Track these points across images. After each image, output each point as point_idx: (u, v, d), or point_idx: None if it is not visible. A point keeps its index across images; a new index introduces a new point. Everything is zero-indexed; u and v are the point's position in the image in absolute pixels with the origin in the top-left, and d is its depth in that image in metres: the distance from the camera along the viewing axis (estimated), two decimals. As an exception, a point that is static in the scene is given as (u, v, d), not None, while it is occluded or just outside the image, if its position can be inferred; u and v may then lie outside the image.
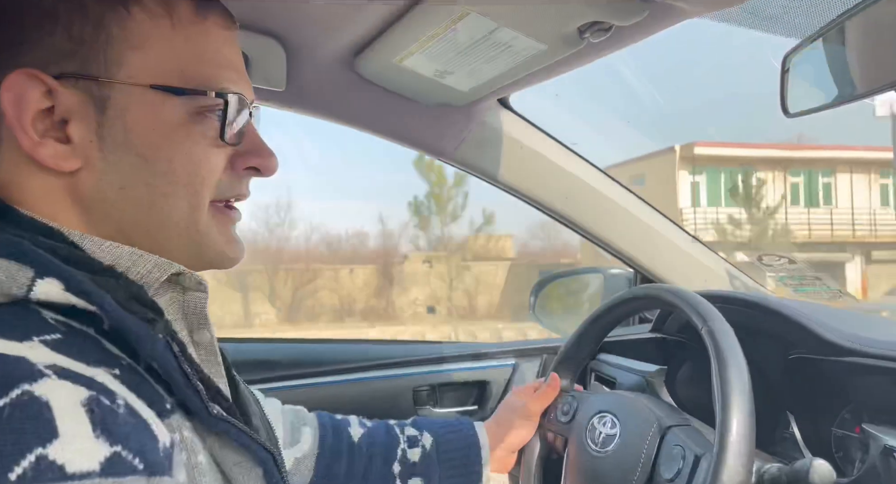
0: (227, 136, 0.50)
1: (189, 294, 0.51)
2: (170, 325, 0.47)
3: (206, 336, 0.52)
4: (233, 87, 0.51)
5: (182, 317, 0.51)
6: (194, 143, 0.49)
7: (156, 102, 0.48)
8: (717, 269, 1.18)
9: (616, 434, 0.78)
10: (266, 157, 0.55)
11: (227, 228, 0.54)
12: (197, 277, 0.51)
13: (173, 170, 0.49)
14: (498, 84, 0.91)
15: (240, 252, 0.55)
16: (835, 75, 0.62)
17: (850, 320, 0.76)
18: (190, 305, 0.51)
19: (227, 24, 0.52)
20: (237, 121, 0.51)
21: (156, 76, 0.48)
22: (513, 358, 1.24)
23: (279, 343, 1.22)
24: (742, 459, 0.57)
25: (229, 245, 0.54)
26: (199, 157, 0.50)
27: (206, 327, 0.52)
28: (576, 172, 1.11)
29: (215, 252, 0.53)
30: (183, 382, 0.43)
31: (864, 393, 0.69)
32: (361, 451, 0.83)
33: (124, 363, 0.41)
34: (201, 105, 0.49)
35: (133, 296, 0.44)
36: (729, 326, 0.67)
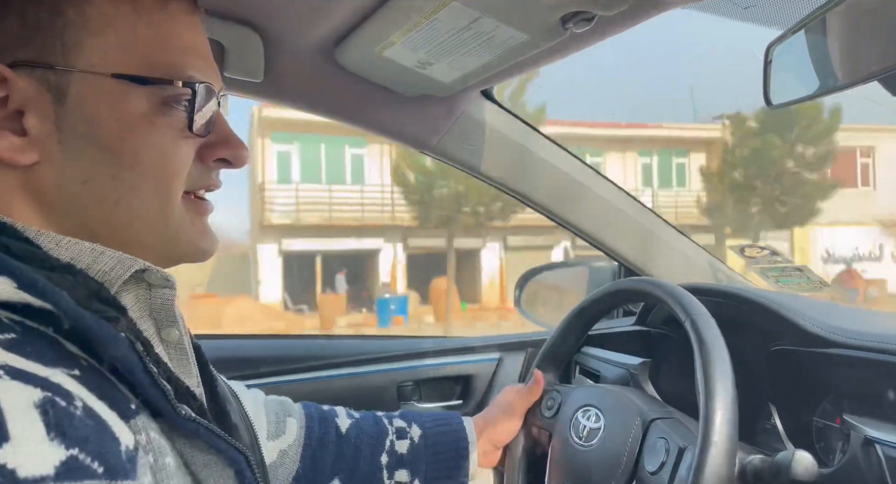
0: (195, 126, 0.49)
1: (155, 291, 0.49)
2: (134, 323, 0.46)
3: (174, 334, 0.50)
4: (200, 75, 0.50)
5: (148, 314, 0.49)
6: (161, 135, 0.48)
7: (119, 92, 0.46)
8: (700, 261, 1.18)
9: (600, 427, 0.78)
10: (236, 148, 0.53)
11: (200, 220, 0.53)
12: (163, 274, 0.49)
13: (140, 162, 0.47)
14: (480, 75, 0.90)
15: (213, 244, 0.54)
16: (817, 66, 0.62)
17: (831, 312, 0.76)
18: (156, 302, 0.49)
19: (190, 8, 0.51)
20: (205, 111, 0.50)
21: (118, 64, 0.46)
22: (497, 352, 1.24)
23: (260, 339, 1.20)
24: (725, 451, 0.57)
25: (202, 238, 0.53)
26: (167, 149, 0.48)
27: (174, 325, 0.50)
28: (559, 165, 1.11)
29: (188, 245, 0.51)
30: (148, 382, 0.42)
31: (844, 384, 0.69)
32: (349, 441, 0.82)
33: (84, 364, 0.40)
34: (168, 95, 0.48)
35: (93, 294, 0.43)
36: (712, 317, 0.67)
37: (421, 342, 1.23)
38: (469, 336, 1.29)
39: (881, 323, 0.78)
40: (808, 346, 0.71)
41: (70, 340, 0.40)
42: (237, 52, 0.82)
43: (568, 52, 0.82)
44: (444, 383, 1.21)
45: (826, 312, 0.75)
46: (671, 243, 1.17)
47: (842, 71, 0.59)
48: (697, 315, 0.67)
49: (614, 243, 1.16)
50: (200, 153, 0.51)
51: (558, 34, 0.74)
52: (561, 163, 1.11)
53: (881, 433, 0.59)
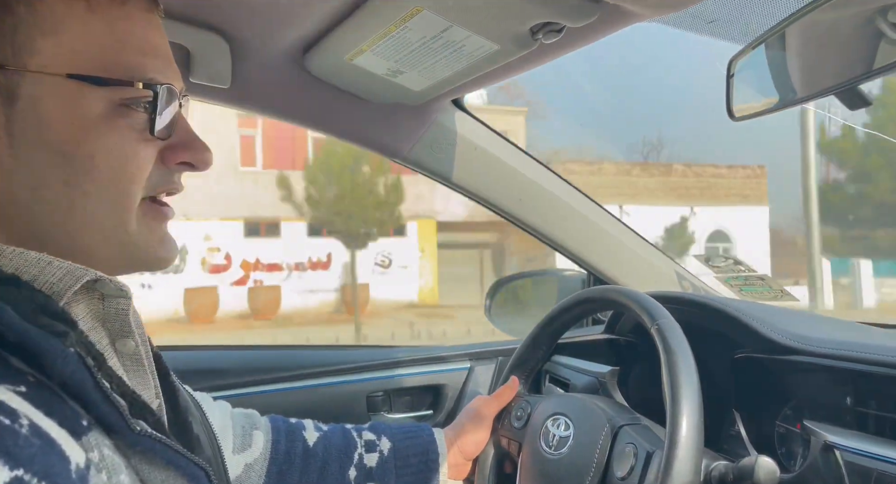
0: (156, 129, 0.47)
1: (109, 301, 0.47)
2: (85, 336, 0.44)
3: (129, 345, 0.49)
4: (161, 76, 0.48)
5: (101, 325, 0.48)
6: (120, 138, 0.46)
7: (74, 93, 0.44)
8: (666, 270, 1.20)
9: (570, 436, 0.78)
10: (199, 151, 0.51)
11: (160, 227, 0.51)
12: (117, 283, 0.47)
13: (95, 167, 0.45)
14: (451, 84, 0.90)
15: (172, 252, 0.52)
16: (776, 80, 0.64)
17: (792, 319, 0.78)
18: (110, 312, 0.48)
19: (148, 6, 0.49)
20: (166, 113, 0.48)
21: (73, 65, 0.44)
22: (468, 361, 1.23)
23: (227, 350, 1.18)
24: (691, 455, 0.58)
25: (161, 245, 0.51)
26: (126, 153, 0.46)
27: (129, 336, 0.48)
28: (529, 174, 1.12)
29: (147, 254, 0.50)
30: (100, 398, 0.40)
31: (804, 390, 0.71)
32: (316, 455, 0.80)
33: (32, 380, 0.38)
34: (127, 96, 0.46)
35: (39, 307, 0.41)
36: (678, 324, 0.68)
37: (391, 352, 1.22)
38: (440, 345, 1.28)
39: (840, 330, 0.80)
40: (770, 353, 0.73)
41: (16, 355, 0.38)
42: (203, 57, 0.81)
43: (538, 63, 0.83)
44: (414, 393, 1.20)
45: (787, 320, 0.77)
46: (639, 252, 1.19)
47: (800, 85, 0.61)
48: (664, 323, 0.68)
49: (583, 252, 1.17)
50: (162, 156, 0.50)
51: (528, 45, 0.75)
52: (531, 172, 1.12)
53: (840, 439, 0.61)
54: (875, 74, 0.53)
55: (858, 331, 0.84)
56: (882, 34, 0.54)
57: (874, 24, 0.54)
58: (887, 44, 0.54)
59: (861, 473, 0.57)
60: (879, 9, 0.54)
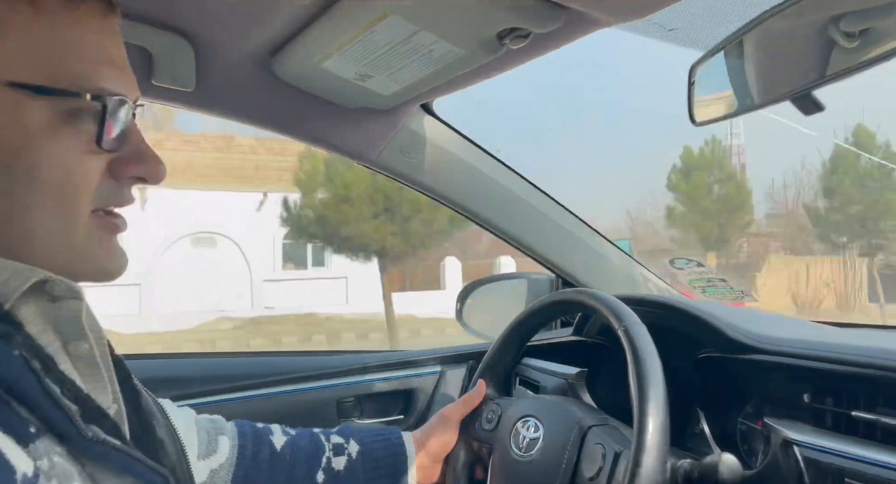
0: (104, 141, 0.45)
1: (60, 303, 0.46)
2: (32, 339, 0.42)
3: (83, 347, 0.47)
4: (112, 86, 0.46)
5: (52, 328, 0.46)
6: (64, 149, 0.44)
7: (15, 102, 0.42)
8: (633, 272, 1.22)
9: (539, 437, 0.79)
10: (151, 164, 0.50)
11: (109, 239, 0.49)
12: (68, 284, 0.46)
13: (37, 178, 0.43)
14: (420, 89, 0.90)
15: (121, 265, 0.50)
16: (735, 86, 0.66)
17: (754, 319, 0.80)
18: (62, 315, 0.46)
19: (104, 10, 0.47)
20: (117, 124, 0.46)
21: (15, 72, 0.42)
22: (438, 365, 1.23)
23: (192, 358, 1.15)
24: (658, 455, 0.59)
25: (109, 258, 0.49)
26: (71, 165, 0.45)
27: (83, 338, 0.47)
28: (498, 179, 1.12)
29: (93, 267, 0.48)
30: (48, 403, 0.39)
31: (765, 388, 0.73)
32: (284, 459, 0.80)
33: None
34: (73, 107, 0.44)
35: None
36: (644, 325, 0.69)
37: (362, 357, 1.21)
38: (410, 350, 1.27)
39: (799, 329, 0.83)
40: (732, 352, 0.74)
41: None
42: (166, 59, 0.79)
43: (505, 68, 0.84)
44: (385, 398, 1.19)
45: (748, 320, 0.79)
46: (606, 255, 1.21)
47: (757, 91, 0.63)
48: (630, 324, 0.69)
49: (551, 255, 1.18)
50: (112, 169, 0.48)
51: (495, 50, 0.75)
52: (500, 176, 1.13)
53: (799, 435, 0.62)
54: (828, 81, 0.55)
55: (815, 330, 0.86)
56: (835, 42, 0.56)
57: (827, 33, 0.56)
58: (839, 52, 0.56)
59: (819, 469, 0.59)
60: (832, 18, 0.56)
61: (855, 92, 1.28)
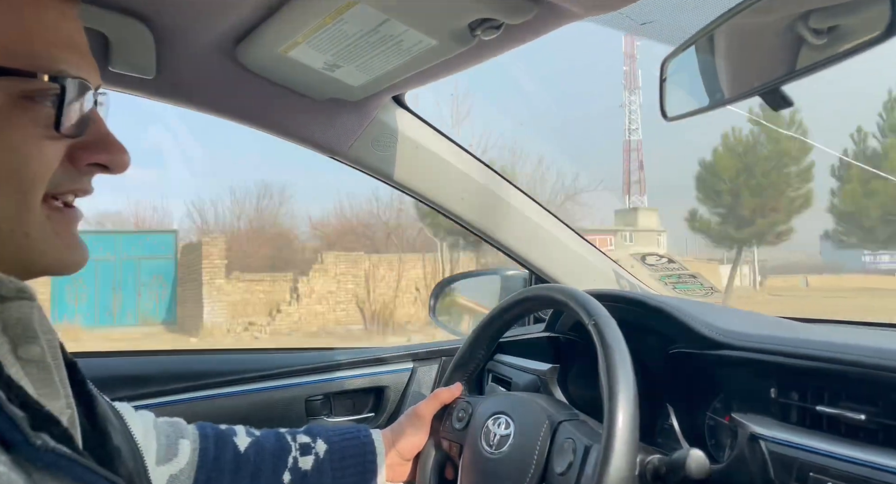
0: (63, 126, 0.44)
1: (8, 304, 0.44)
2: None
3: (34, 351, 0.45)
4: (71, 69, 0.45)
5: (2, 332, 0.43)
6: (20, 134, 0.43)
7: None
8: (604, 268, 1.23)
9: (510, 434, 0.78)
10: (113, 152, 0.48)
11: (67, 230, 0.48)
12: (16, 285, 0.44)
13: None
14: (390, 80, 0.89)
15: (81, 257, 0.49)
16: (706, 81, 0.66)
17: (721, 315, 0.80)
18: (11, 316, 0.44)
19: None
20: (76, 109, 0.45)
21: None
22: (410, 362, 1.22)
23: (152, 356, 1.11)
24: (627, 449, 0.59)
25: (69, 250, 0.48)
26: (28, 150, 0.43)
27: (34, 340, 0.45)
28: (471, 173, 1.11)
29: (52, 259, 0.47)
30: None
31: (732, 383, 0.73)
32: (248, 461, 0.78)
33: None
34: (30, 88, 0.43)
35: None
36: (614, 321, 0.69)
37: (332, 354, 1.19)
38: (381, 346, 1.26)
39: (766, 325, 0.83)
40: (702, 348, 0.75)
41: None
42: (123, 45, 0.76)
43: (477, 60, 0.83)
44: (355, 396, 1.17)
45: (717, 316, 0.79)
46: (578, 252, 1.21)
47: (727, 86, 0.63)
48: (601, 319, 0.69)
49: (524, 251, 1.18)
50: (71, 156, 0.46)
51: (467, 41, 0.74)
52: (472, 171, 1.12)
53: (765, 430, 0.63)
54: (797, 76, 0.55)
55: (783, 326, 0.87)
56: (803, 39, 0.56)
57: (796, 29, 0.56)
58: (808, 48, 0.56)
59: (784, 463, 0.59)
60: (801, 14, 0.56)
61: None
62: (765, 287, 18.96)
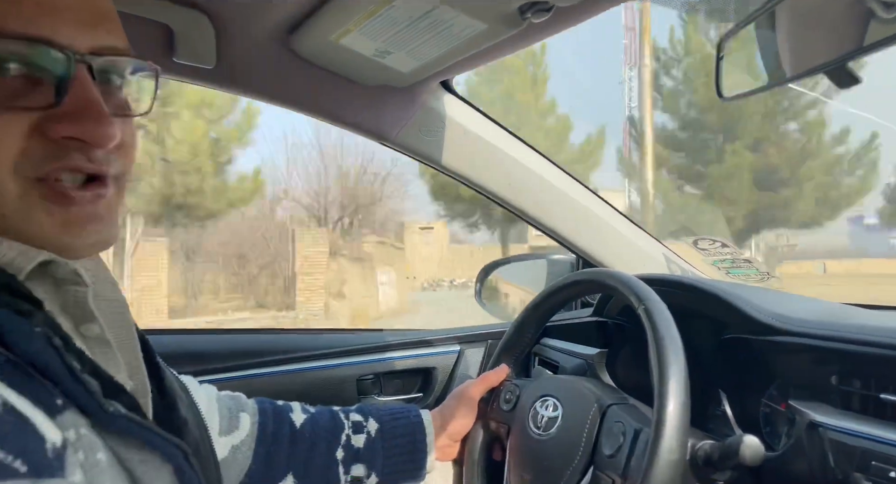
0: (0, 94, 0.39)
1: (65, 288, 0.45)
2: (51, 316, 0.41)
3: (94, 329, 0.46)
4: (19, 25, 0.39)
5: (62, 310, 0.45)
6: None
7: None
8: (654, 253, 1.21)
9: (558, 416, 0.79)
10: (85, 123, 0.42)
11: (63, 209, 0.43)
12: (70, 267, 0.44)
13: None
14: (440, 65, 0.89)
15: (91, 239, 0.45)
16: (765, 60, 0.64)
17: (777, 300, 0.78)
18: (69, 299, 0.45)
19: None
20: (38, 75, 0.41)
21: None
22: (457, 344, 1.24)
23: (216, 334, 1.17)
24: (678, 433, 0.59)
25: (68, 230, 0.43)
26: None
27: (93, 320, 0.46)
28: (518, 158, 1.11)
29: (45, 240, 0.43)
30: (69, 378, 0.39)
31: (789, 370, 0.71)
32: (304, 436, 0.80)
33: (3, 359, 0.37)
34: None
35: (3, 286, 0.39)
36: (664, 305, 0.68)
37: (382, 335, 1.22)
38: (430, 329, 1.28)
39: (826, 311, 0.81)
40: (757, 334, 0.73)
41: None
42: (187, 37, 0.79)
43: (526, 43, 0.82)
44: (404, 377, 1.20)
45: (773, 302, 0.77)
46: (627, 235, 1.19)
47: (789, 64, 0.61)
48: (651, 303, 0.68)
49: (572, 235, 1.17)
50: (42, 128, 0.41)
51: (516, 24, 0.74)
52: (520, 155, 1.11)
53: (825, 417, 0.61)
54: (864, 52, 0.52)
55: (844, 312, 0.84)
56: (872, 12, 0.54)
57: (864, 2, 0.54)
58: (877, 22, 0.53)
59: (845, 451, 0.58)
60: (869, -13, 0.54)
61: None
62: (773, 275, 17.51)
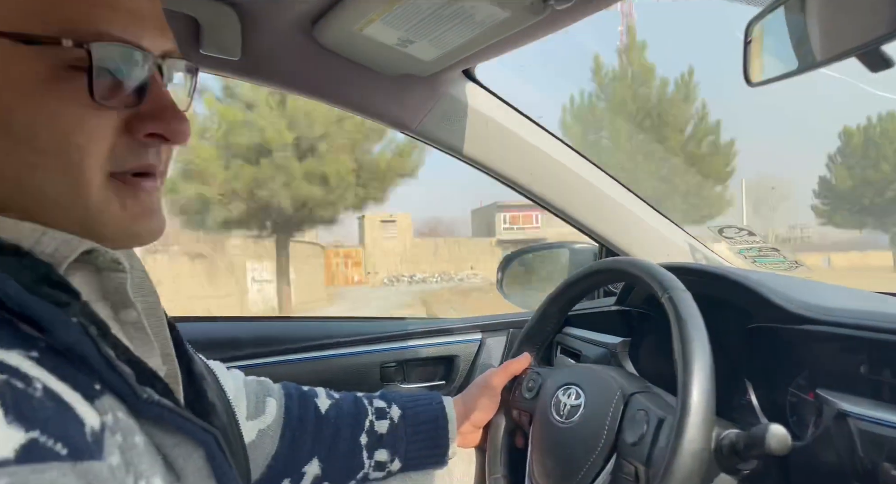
0: (96, 94, 0.41)
1: (106, 274, 0.46)
2: (87, 306, 0.42)
3: (132, 315, 0.48)
4: (120, 31, 0.42)
5: (101, 296, 0.47)
6: (62, 105, 0.41)
7: (5, 54, 0.39)
8: (679, 241, 1.19)
9: (581, 405, 0.79)
10: (169, 121, 0.45)
11: (136, 202, 0.46)
12: (111, 255, 0.45)
13: (37, 136, 0.41)
14: (462, 54, 0.89)
15: (152, 228, 0.48)
16: (795, 44, 0.62)
17: (805, 289, 0.77)
18: (109, 285, 0.46)
19: None
20: (127, 76, 0.43)
21: (6, 20, 0.39)
22: (479, 333, 1.24)
23: (242, 322, 1.19)
24: (703, 422, 0.58)
25: (136, 221, 0.46)
26: (70, 122, 0.41)
27: (131, 306, 0.48)
28: (541, 146, 1.10)
29: (116, 230, 0.45)
30: (105, 366, 0.40)
31: (818, 359, 0.70)
32: (328, 421, 0.82)
33: (43, 345, 0.38)
34: (70, 57, 0.40)
35: (41, 277, 0.40)
36: (689, 293, 0.68)
37: (404, 323, 1.23)
38: (452, 317, 1.29)
39: (856, 299, 0.79)
40: (784, 323, 0.72)
41: (25, 322, 0.38)
42: (213, 28, 0.80)
43: (550, 30, 0.82)
44: (427, 364, 1.21)
45: (802, 290, 0.76)
46: (651, 224, 1.18)
47: (820, 48, 0.59)
48: (675, 292, 0.68)
49: (595, 224, 1.16)
50: (130, 127, 0.44)
51: (539, 11, 0.73)
52: (543, 144, 1.11)
53: (854, 407, 0.60)
54: (899, 35, 0.51)
55: (874, 300, 0.83)
56: (907, -7, 0.52)
57: (899, -17, 0.52)
58: (912, 3, 0.52)
59: (874, 441, 0.57)
60: (905, -33, 0.52)
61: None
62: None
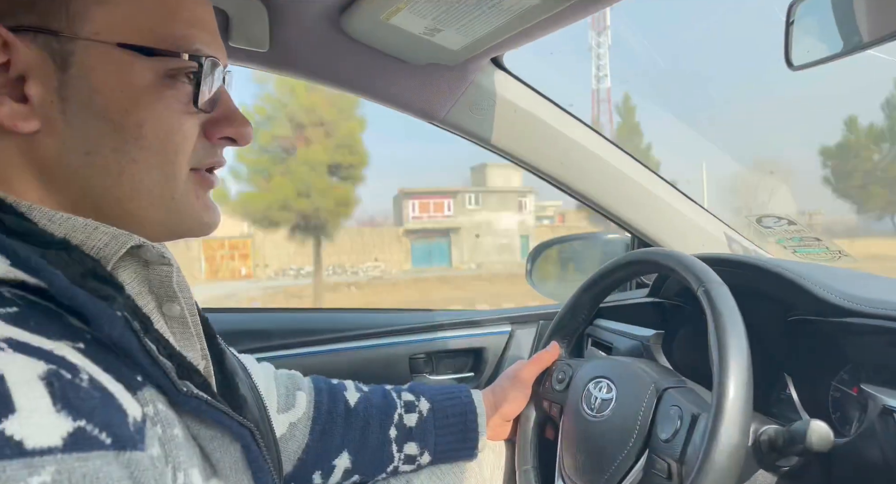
0: (200, 102, 0.48)
1: (152, 268, 0.49)
2: (131, 300, 0.45)
3: (175, 309, 0.50)
4: (207, 49, 0.49)
5: (147, 290, 0.49)
6: (166, 108, 0.47)
7: (124, 62, 0.45)
8: (715, 232, 1.16)
9: (612, 398, 0.78)
10: (240, 126, 0.52)
11: (205, 194, 0.52)
12: (159, 250, 0.48)
13: (144, 136, 0.46)
14: (490, 42, 0.88)
15: (216, 217, 0.54)
16: (840, 25, 0.59)
17: (849, 280, 0.74)
18: (155, 279, 0.49)
19: None
20: (211, 86, 0.49)
21: (124, 34, 0.45)
22: (508, 325, 1.24)
23: (271, 312, 1.21)
24: (739, 418, 0.56)
25: (206, 211, 0.52)
26: (172, 124, 0.47)
27: (174, 300, 0.50)
28: (572, 135, 1.08)
29: (192, 220, 0.51)
30: (147, 361, 0.42)
31: (862, 353, 0.68)
32: (358, 415, 0.82)
33: (89, 337, 0.40)
34: (173, 67, 0.47)
35: (88, 271, 0.42)
36: (725, 286, 0.66)
37: (433, 315, 1.23)
38: (481, 309, 1.28)
39: (902, 292, 0.76)
40: (827, 315, 0.69)
41: (72, 314, 0.40)
42: (242, 21, 0.81)
43: (580, 16, 0.79)
44: (455, 356, 1.21)
45: (845, 281, 0.73)
46: (686, 214, 1.15)
47: (866, 29, 0.56)
48: (711, 284, 0.66)
49: (627, 214, 1.14)
50: (205, 130, 0.51)
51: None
52: (573, 132, 1.09)
53: (900, 403, 0.58)
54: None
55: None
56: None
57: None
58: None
59: (922, 439, 0.55)
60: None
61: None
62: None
